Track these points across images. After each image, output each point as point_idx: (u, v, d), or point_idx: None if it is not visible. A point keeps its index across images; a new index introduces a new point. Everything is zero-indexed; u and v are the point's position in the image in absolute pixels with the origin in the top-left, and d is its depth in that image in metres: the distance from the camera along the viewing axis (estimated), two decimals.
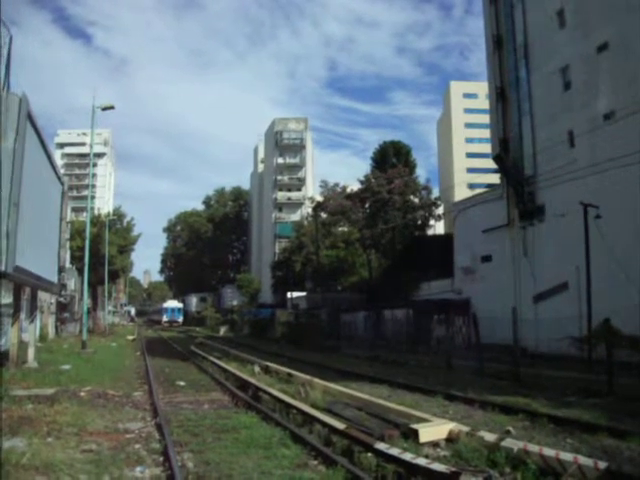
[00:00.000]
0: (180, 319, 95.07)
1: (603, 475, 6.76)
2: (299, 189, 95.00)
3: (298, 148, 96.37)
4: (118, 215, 73.19)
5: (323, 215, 57.63)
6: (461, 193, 59.96)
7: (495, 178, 41.08)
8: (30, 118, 13.93)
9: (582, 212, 23.40)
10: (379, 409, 11.39)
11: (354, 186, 55.31)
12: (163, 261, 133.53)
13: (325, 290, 54.98)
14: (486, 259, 34.08)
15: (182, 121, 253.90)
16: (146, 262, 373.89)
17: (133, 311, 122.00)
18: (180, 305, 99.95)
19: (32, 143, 14.43)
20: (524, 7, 31.24)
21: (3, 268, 12.20)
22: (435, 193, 56.98)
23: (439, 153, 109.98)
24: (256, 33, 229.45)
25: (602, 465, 6.90)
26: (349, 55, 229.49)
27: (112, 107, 29.88)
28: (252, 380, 16.49)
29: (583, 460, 7.10)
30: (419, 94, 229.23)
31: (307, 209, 74.92)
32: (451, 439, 8.90)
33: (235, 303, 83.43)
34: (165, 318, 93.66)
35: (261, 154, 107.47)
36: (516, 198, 31.01)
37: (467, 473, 7.22)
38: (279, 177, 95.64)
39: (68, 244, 49.92)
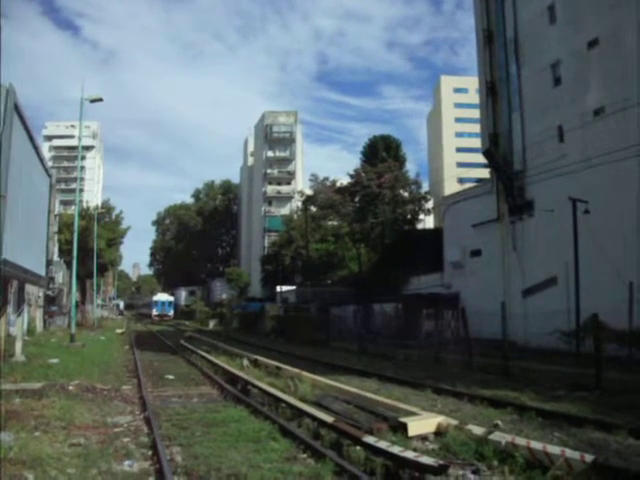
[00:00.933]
0: (171, 313, 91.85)
1: (590, 468, 6.80)
2: (289, 183, 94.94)
3: (288, 141, 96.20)
4: (107, 208, 72.89)
5: (313, 209, 57.63)
6: (451, 187, 60.24)
7: (485, 172, 41.18)
8: (17, 109, 13.80)
9: (571, 207, 23.52)
10: (368, 402, 11.39)
11: (344, 180, 55.39)
12: (152, 254, 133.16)
13: (315, 284, 54.97)
14: (475, 253, 34.22)
15: (172, 114, 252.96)
16: (135, 255, 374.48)
17: (122, 305, 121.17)
18: (171, 298, 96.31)
19: (19, 135, 14.31)
20: (515, 2, 31.28)
21: None
22: (425, 187, 57.27)
23: (429, 147, 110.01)
24: (246, 26, 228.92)
25: (589, 458, 6.93)
26: (339, 49, 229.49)
27: (100, 99, 29.59)
28: (241, 374, 16.46)
29: (570, 453, 7.13)
30: (409, 88, 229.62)
31: (297, 203, 74.93)
32: (439, 432, 8.91)
33: (224, 297, 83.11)
34: (155, 312, 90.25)
35: (251, 147, 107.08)
36: (506, 193, 31.14)
37: (455, 466, 7.25)
38: (269, 170, 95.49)
39: (56, 237, 49.64)
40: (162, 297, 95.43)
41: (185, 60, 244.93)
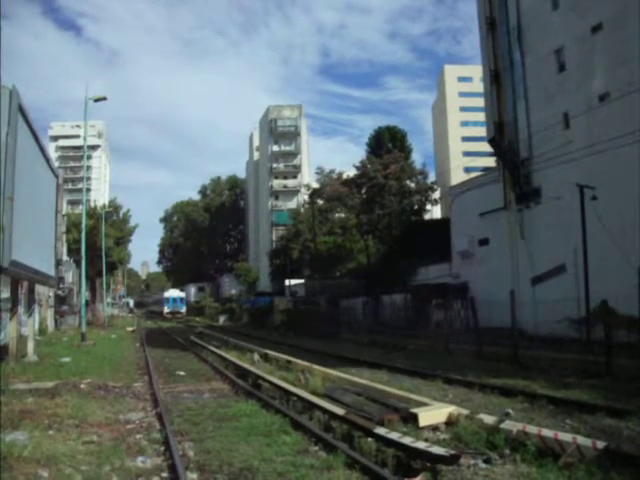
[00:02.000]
0: (183, 309, 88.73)
1: (601, 455, 6.79)
2: (295, 176, 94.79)
3: (293, 135, 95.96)
4: (114, 207, 72.90)
5: (320, 202, 57.59)
6: (457, 177, 59.98)
7: (491, 161, 41.02)
8: (22, 111, 13.82)
9: (578, 194, 23.37)
10: (378, 394, 11.41)
11: (350, 172, 55.28)
12: (161, 252, 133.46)
13: (323, 277, 55.01)
14: (483, 243, 34.11)
15: (177, 111, 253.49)
16: (144, 253, 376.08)
17: (132, 303, 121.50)
18: (182, 294, 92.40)
19: (24, 136, 14.33)
20: None
21: None
22: (431, 177, 57.21)
23: (434, 137, 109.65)
24: (249, 22, 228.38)
25: (601, 445, 6.93)
26: (342, 42, 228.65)
27: (104, 98, 29.68)
28: (252, 368, 16.52)
29: (582, 440, 7.13)
30: (413, 79, 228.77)
31: (303, 196, 74.84)
32: (451, 422, 8.92)
33: (234, 292, 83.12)
34: (167, 309, 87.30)
35: (256, 142, 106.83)
36: (512, 181, 30.98)
37: (467, 456, 7.27)
38: (275, 165, 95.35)
39: (64, 237, 49.84)
40: (174, 293, 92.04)
41: (188, 57, 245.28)
